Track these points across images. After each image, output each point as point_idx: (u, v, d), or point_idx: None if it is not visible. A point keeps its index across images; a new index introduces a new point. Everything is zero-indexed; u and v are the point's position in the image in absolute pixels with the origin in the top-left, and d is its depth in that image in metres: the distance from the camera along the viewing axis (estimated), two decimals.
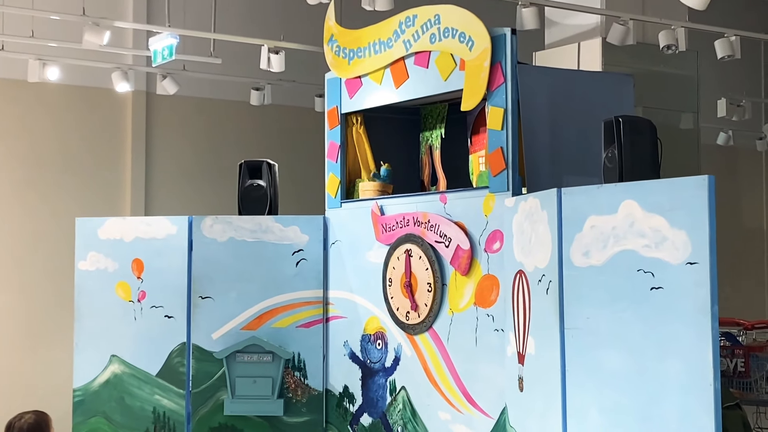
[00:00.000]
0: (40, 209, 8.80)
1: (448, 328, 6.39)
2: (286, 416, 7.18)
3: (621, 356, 4.90)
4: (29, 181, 8.81)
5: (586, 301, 5.10)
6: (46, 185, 8.87)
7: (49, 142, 8.96)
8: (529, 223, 5.62)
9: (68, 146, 9.07)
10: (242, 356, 7.17)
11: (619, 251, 4.93)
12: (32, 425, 4.20)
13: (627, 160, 5.20)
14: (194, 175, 9.63)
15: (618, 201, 4.95)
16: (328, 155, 7.42)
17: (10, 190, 8.72)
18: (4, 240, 8.64)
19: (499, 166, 6.08)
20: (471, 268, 6.24)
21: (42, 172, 8.88)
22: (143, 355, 7.30)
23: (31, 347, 8.63)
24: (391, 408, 6.75)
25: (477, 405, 6.14)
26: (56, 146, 8.97)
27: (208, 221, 7.34)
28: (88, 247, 7.49)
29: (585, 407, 5.08)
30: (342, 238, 7.24)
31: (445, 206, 6.45)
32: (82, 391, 7.42)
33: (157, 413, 7.25)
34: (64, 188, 8.99)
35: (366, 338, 6.99)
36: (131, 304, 7.36)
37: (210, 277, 7.26)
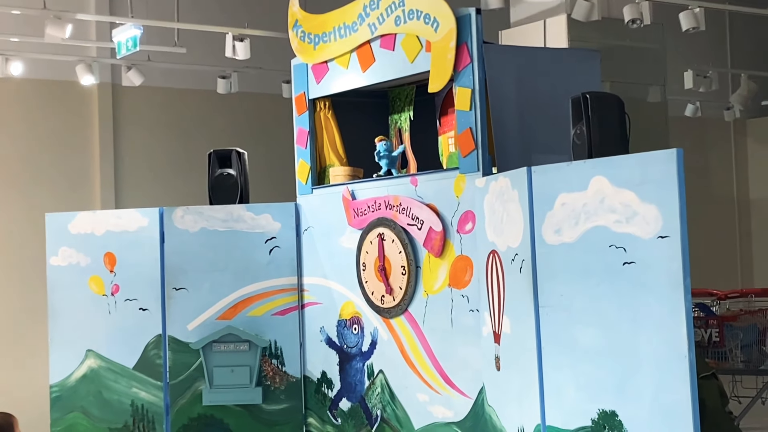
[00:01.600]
0: (9, 206, 8.72)
1: (423, 310, 6.40)
2: (265, 404, 7.17)
3: (596, 332, 4.92)
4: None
5: (560, 278, 5.12)
6: (14, 181, 8.79)
7: (15, 138, 8.87)
8: (500, 202, 5.63)
9: (35, 141, 8.98)
10: (219, 346, 7.16)
11: (590, 227, 4.94)
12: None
13: (595, 136, 5.21)
14: (164, 166, 9.57)
15: (588, 177, 4.96)
16: (297, 141, 7.39)
17: None
18: None
19: (469, 146, 6.07)
20: (444, 249, 6.24)
21: (9, 168, 8.80)
22: (119, 348, 7.26)
23: (4, 344, 8.57)
24: (370, 392, 6.76)
25: (455, 385, 6.16)
26: (22, 142, 8.88)
27: (179, 212, 7.30)
28: (59, 243, 7.44)
29: (562, 384, 5.11)
30: (314, 225, 7.22)
31: (416, 189, 6.45)
32: (58, 387, 7.38)
33: (135, 406, 7.22)
34: (33, 184, 8.91)
35: (342, 323, 6.99)
36: (105, 298, 7.32)
37: (183, 268, 7.23)
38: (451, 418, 6.17)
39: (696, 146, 12.79)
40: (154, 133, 9.59)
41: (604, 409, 4.85)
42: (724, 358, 7.76)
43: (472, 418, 6.01)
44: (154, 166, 9.51)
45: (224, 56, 8.79)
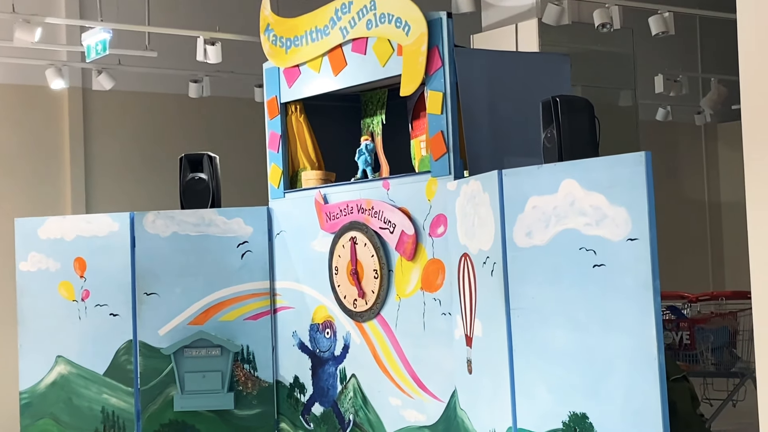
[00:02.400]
0: None
1: (395, 314, 6.39)
2: (237, 409, 7.14)
3: (567, 334, 4.93)
4: None
5: (531, 281, 5.13)
6: None
7: None
8: (471, 205, 5.64)
9: (4, 146, 8.91)
10: (190, 351, 7.12)
11: (561, 230, 4.96)
12: None
13: (566, 139, 5.23)
14: (135, 171, 9.52)
15: (558, 180, 4.98)
16: (269, 145, 7.37)
17: None
18: None
19: (440, 150, 6.08)
20: (416, 253, 6.25)
21: None
22: (89, 354, 7.21)
23: None
24: (342, 396, 6.74)
25: (427, 389, 6.15)
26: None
27: (150, 217, 7.26)
28: (28, 248, 7.38)
29: (533, 386, 5.12)
30: (287, 228, 7.21)
31: (388, 192, 6.45)
32: (28, 394, 7.32)
33: (106, 412, 7.17)
34: (2, 189, 8.83)
35: (314, 327, 6.97)
36: (75, 303, 7.27)
37: (154, 273, 7.19)
38: (423, 422, 6.17)
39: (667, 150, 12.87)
40: (125, 138, 9.53)
41: (575, 412, 4.87)
42: (695, 360, 7.81)
43: (445, 422, 6.01)
44: (125, 171, 9.46)
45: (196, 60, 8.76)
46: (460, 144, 6.07)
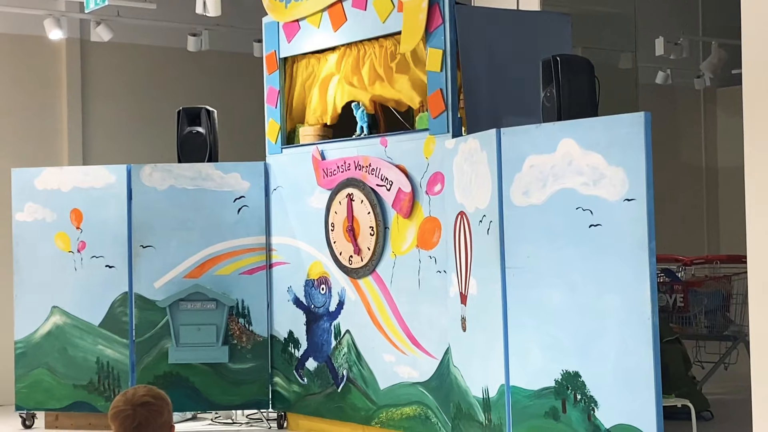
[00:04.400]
0: None
1: (391, 271, 6.41)
2: (232, 363, 7.17)
3: (561, 293, 4.95)
4: None
5: (527, 240, 5.14)
6: None
7: None
8: (469, 164, 5.63)
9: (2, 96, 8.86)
10: (185, 304, 7.14)
11: (558, 190, 4.96)
12: None
13: (565, 99, 5.21)
14: (132, 123, 9.47)
15: (556, 140, 4.97)
16: (268, 100, 7.35)
17: None
18: None
19: (439, 107, 6.07)
20: (413, 210, 6.25)
21: None
22: (85, 305, 7.23)
23: None
24: (336, 352, 6.77)
25: (421, 346, 6.18)
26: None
27: (147, 169, 7.25)
28: (24, 198, 7.37)
29: (526, 345, 5.14)
30: (283, 184, 7.20)
31: (385, 149, 6.44)
32: (23, 344, 7.34)
33: (100, 363, 7.20)
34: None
35: (310, 283, 6.99)
36: (71, 254, 7.27)
37: (151, 225, 7.19)
38: (416, 378, 6.20)
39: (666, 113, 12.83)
40: (122, 90, 9.48)
41: (567, 370, 4.90)
42: (688, 323, 7.84)
43: (438, 379, 6.05)
44: (122, 123, 9.41)
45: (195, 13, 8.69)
46: (458, 102, 6.05)
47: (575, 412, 4.86)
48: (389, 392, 6.37)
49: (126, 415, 3.19)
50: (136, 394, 3.22)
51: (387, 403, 6.39)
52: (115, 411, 3.21)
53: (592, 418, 4.77)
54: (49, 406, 7.30)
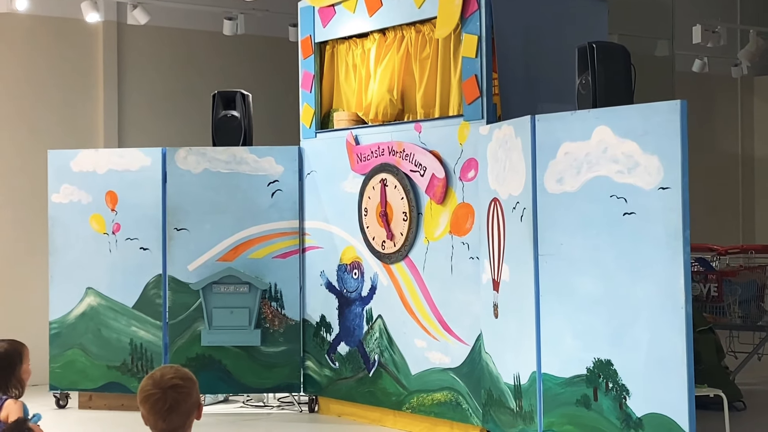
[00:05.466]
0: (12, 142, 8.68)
1: (423, 256, 6.41)
2: (264, 346, 7.21)
3: (594, 281, 4.94)
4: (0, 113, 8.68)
5: (560, 227, 5.13)
6: (18, 118, 8.74)
7: (19, 74, 8.82)
8: (503, 150, 5.62)
9: (38, 78, 8.92)
10: (219, 287, 7.18)
11: (592, 177, 4.95)
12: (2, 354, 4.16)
13: (600, 86, 5.19)
14: (168, 106, 9.52)
15: (591, 127, 4.95)
16: (302, 85, 7.36)
17: None
18: None
19: (474, 94, 6.05)
20: (446, 196, 6.25)
21: (13, 104, 8.75)
22: (119, 287, 7.29)
23: (6, 280, 8.58)
24: (368, 336, 6.79)
25: (453, 332, 6.19)
26: (26, 78, 8.82)
27: (182, 153, 7.29)
28: (61, 180, 7.44)
29: (559, 332, 5.14)
30: (317, 169, 7.21)
31: (419, 135, 6.43)
32: (58, 324, 7.41)
33: (134, 344, 7.26)
34: (36, 121, 8.87)
35: (342, 268, 7.01)
36: (106, 236, 7.33)
37: (185, 208, 7.23)
38: (448, 364, 6.21)
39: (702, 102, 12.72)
40: (158, 73, 9.52)
41: (599, 358, 4.89)
42: (722, 313, 7.78)
43: (469, 365, 6.05)
44: (157, 106, 9.46)
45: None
46: (493, 88, 6.04)
47: (607, 400, 4.85)
48: (420, 378, 6.39)
49: (156, 399, 3.21)
50: (164, 377, 3.23)
51: (418, 388, 6.40)
52: (145, 394, 3.22)
53: (623, 406, 4.76)
54: (82, 387, 7.38)
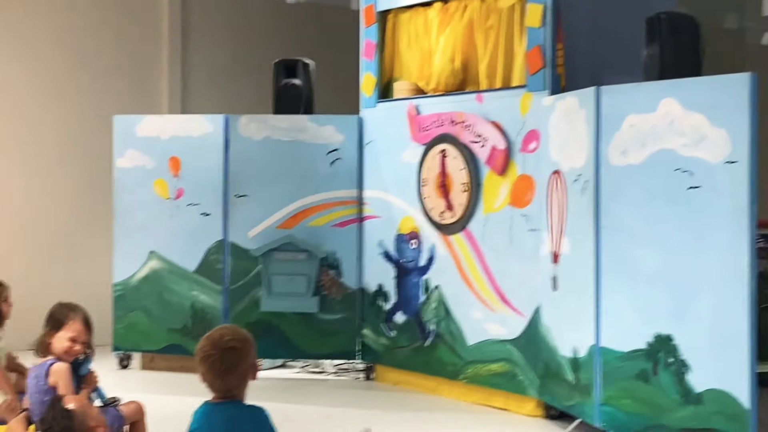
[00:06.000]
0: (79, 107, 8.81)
1: (482, 228, 6.40)
2: (322, 313, 7.26)
3: (656, 255, 4.89)
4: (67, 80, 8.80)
5: (623, 200, 5.08)
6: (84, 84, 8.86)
7: (86, 40, 8.93)
8: (566, 122, 5.57)
9: (103, 45, 9.03)
10: (278, 254, 7.24)
11: (657, 150, 4.89)
12: None
13: (668, 57, 5.11)
14: (230, 74, 9.59)
15: (657, 99, 4.89)
16: (364, 54, 7.35)
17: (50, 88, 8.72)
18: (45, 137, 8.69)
19: (537, 64, 6.00)
20: (506, 168, 6.22)
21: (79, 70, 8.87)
22: (181, 251, 7.38)
23: (72, 243, 8.73)
24: (425, 306, 6.80)
25: (510, 304, 6.18)
26: (93, 44, 8.94)
27: (243, 120, 7.34)
28: (126, 145, 7.53)
29: (619, 306, 5.10)
30: (377, 138, 7.22)
31: (481, 106, 6.40)
32: (121, 287, 7.53)
33: (195, 308, 7.35)
34: (101, 87, 8.99)
35: (400, 238, 7.02)
36: (169, 201, 7.42)
37: (246, 175, 7.29)
38: (505, 336, 6.20)
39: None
40: (222, 41, 9.59)
41: (660, 333, 4.85)
42: None
43: (526, 337, 6.04)
44: (220, 73, 9.53)
45: None
46: (557, 58, 5.97)
47: (666, 375, 4.81)
48: (477, 348, 6.39)
49: (214, 359, 3.26)
50: (222, 338, 3.29)
51: (474, 359, 6.41)
52: (203, 355, 3.28)
53: (683, 381, 4.72)
54: (144, 348, 7.51)
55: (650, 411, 4.90)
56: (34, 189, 8.68)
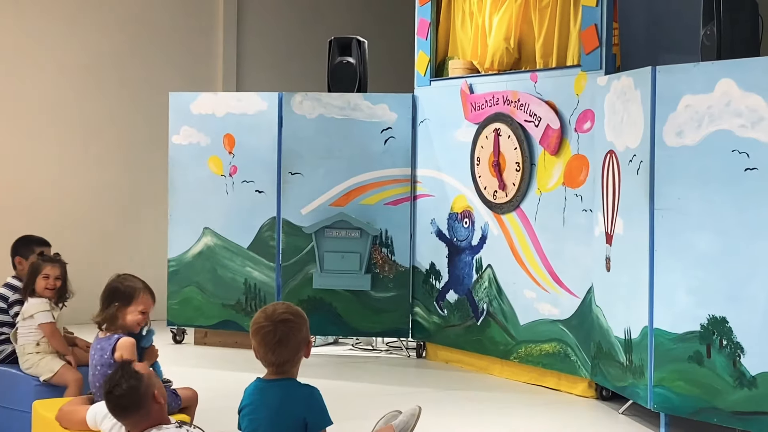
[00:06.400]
0: (135, 83, 8.90)
1: (535, 207, 6.38)
2: (373, 291, 7.30)
3: (711, 237, 4.85)
4: (123, 56, 8.89)
5: (678, 181, 5.04)
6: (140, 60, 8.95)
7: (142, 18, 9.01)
8: (621, 102, 5.53)
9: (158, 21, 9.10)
10: (331, 232, 7.28)
11: (713, 131, 4.84)
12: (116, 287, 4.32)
13: (726, 37, 5.04)
14: (284, 51, 9.63)
15: (714, 79, 4.83)
16: (418, 32, 7.34)
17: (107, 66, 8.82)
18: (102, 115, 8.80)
19: (593, 43, 5.95)
20: (560, 147, 6.19)
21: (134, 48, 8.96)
22: (235, 228, 7.45)
23: (127, 219, 8.85)
24: (477, 285, 6.81)
25: (563, 284, 6.16)
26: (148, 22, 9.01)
27: (297, 98, 7.37)
28: (181, 122, 7.60)
29: (672, 287, 5.07)
30: (430, 117, 7.21)
31: (535, 85, 6.37)
32: (176, 262, 7.63)
33: (248, 284, 7.42)
34: (156, 64, 9.07)
35: (453, 216, 7.02)
36: (223, 178, 7.49)
37: (299, 153, 7.33)
38: (557, 316, 6.19)
39: None
40: (276, 18, 9.63)
41: (714, 315, 4.81)
42: None
43: (579, 317, 6.03)
44: (274, 51, 9.57)
45: None
46: (613, 38, 5.92)
47: (720, 357, 4.78)
48: (529, 328, 6.39)
49: (267, 331, 3.30)
50: (276, 311, 3.33)
51: (526, 338, 6.41)
52: (257, 327, 3.32)
53: (737, 364, 4.69)
54: (198, 323, 7.61)
55: (703, 393, 4.87)
56: (90, 166, 8.81)
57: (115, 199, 8.92)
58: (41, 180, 8.59)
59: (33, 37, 8.58)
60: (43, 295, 4.93)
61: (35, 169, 8.57)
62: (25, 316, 4.93)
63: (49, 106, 8.65)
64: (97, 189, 8.83)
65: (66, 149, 8.72)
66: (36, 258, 5.07)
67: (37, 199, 8.53)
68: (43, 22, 8.61)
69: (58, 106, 8.69)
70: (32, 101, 8.58)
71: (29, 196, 8.51)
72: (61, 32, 8.70)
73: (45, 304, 4.90)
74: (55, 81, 8.68)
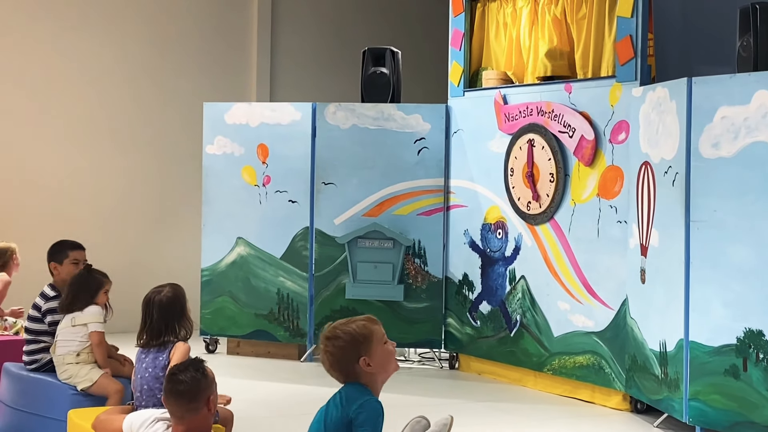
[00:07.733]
0: (169, 93, 8.96)
1: (569, 218, 6.35)
2: (406, 301, 7.29)
3: (748, 250, 4.81)
4: (158, 67, 8.96)
5: (714, 193, 5.00)
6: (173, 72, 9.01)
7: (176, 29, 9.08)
8: (656, 113, 5.50)
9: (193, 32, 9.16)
10: (364, 242, 7.29)
11: (750, 143, 4.80)
12: (171, 298, 4.36)
13: (762, 48, 5.01)
14: (318, 62, 9.67)
15: (751, 91, 4.80)
16: (452, 43, 7.34)
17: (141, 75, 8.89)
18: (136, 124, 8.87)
19: (628, 54, 5.93)
20: (595, 158, 6.16)
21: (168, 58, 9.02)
22: (268, 238, 7.47)
23: (161, 228, 8.90)
24: (511, 297, 6.79)
25: (597, 296, 6.13)
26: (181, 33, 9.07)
27: (331, 108, 7.39)
28: (215, 132, 7.64)
29: (708, 300, 5.03)
30: (464, 127, 7.21)
31: (569, 96, 6.35)
32: (209, 271, 7.66)
33: (281, 294, 7.44)
34: (191, 74, 9.13)
35: (486, 227, 7.01)
36: (257, 188, 7.52)
37: (333, 163, 7.35)
38: (591, 328, 6.16)
39: None
40: (310, 28, 9.67)
41: (751, 328, 4.77)
42: None
43: (613, 329, 5.99)
44: (308, 61, 9.61)
45: None
46: (648, 49, 5.90)
47: (757, 371, 4.73)
48: (563, 340, 6.35)
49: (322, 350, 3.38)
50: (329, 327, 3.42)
51: (560, 350, 6.37)
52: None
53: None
54: (231, 333, 7.63)
55: (739, 407, 4.83)
56: (125, 176, 8.87)
57: (149, 209, 8.98)
58: (77, 191, 8.67)
59: (70, 51, 8.68)
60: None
61: (72, 180, 8.66)
62: (77, 323, 4.95)
63: (86, 117, 8.74)
64: (131, 199, 8.90)
65: (102, 160, 8.79)
66: (86, 271, 5.11)
67: (72, 209, 8.61)
68: (81, 37, 8.71)
69: (94, 118, 8.78)
70: (69, 114, 8.68)
71: (65, 207, 8.59)
72: (95, 45, 8.79)
73: (101, 316, 4.99)
74: (92, 93, 8.77)
